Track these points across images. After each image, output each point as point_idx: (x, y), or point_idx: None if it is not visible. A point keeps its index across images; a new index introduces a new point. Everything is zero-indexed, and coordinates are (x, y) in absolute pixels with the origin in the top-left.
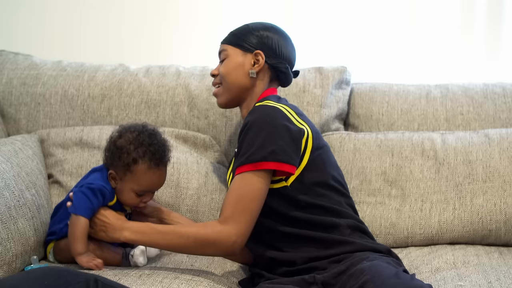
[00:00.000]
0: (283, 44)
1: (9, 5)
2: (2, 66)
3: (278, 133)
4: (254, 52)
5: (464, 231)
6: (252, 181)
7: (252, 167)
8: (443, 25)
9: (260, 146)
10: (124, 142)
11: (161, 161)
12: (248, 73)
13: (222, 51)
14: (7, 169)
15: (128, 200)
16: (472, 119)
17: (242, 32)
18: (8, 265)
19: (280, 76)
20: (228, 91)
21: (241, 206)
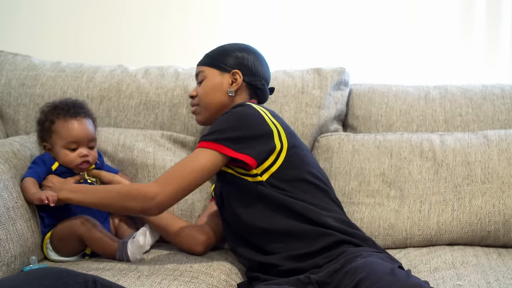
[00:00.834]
0: (258, 63)
1: (8, 6)
2: (0, 67)
3: (243, 124)
4: (232, 71)
5: (463, 232)
6: (198, 156)
7: (204, 144)
8: (442, 26)
9: (220, 130)
10: (42, 115)
11: (76, 113)
12: (227, 92)
13: (199, 73)
14: (5, 170)
15: (65, 159)
16: (471, 120)
17: (219, 54)
18: (7, 266)
19: (257, 92)
20: (207, 110)
21: (176, 173)
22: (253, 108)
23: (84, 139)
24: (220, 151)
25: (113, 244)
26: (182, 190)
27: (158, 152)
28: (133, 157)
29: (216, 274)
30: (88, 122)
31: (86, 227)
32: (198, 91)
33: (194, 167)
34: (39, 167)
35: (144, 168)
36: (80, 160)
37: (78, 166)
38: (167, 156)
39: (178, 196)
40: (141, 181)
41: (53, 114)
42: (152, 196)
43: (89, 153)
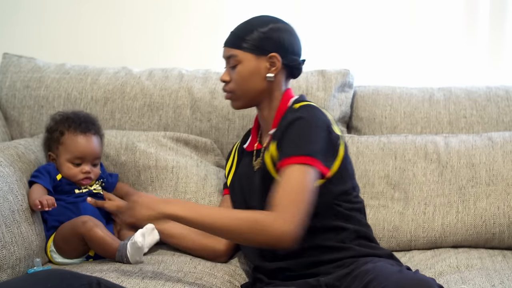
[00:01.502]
0: (293, 40)
1: (12, 8)
2: (5, 69)
3: (322, 135)
4: (269, 55)
5: (468, 235)
6: (302, 173)
7: (300, 160)
8: (446, 28)
9: (309, 142)
10: (52, 123)
11: (87, 129)
12: (265, 78)
13: (231, 57)
14: (11, 173)
15: (67, 172)
16: (475, 122)
17: (250, 35)
18: (12, 269)
19: (294, 72)
20: (245, 96)
21: (294, 196)
22: (319, 110)
23: (89, 157)
24: (313, 165)
25: (114, 244)
26: (306, 214)
27: (160, 152)
28: (135, 159)
29: (220, 275)
30: (96, 139)
31: (87, 226)
32: (233, 77)
33: (305, 186)
34: (45, 177)
35: (147, 170)
36: (82, 176)
37: (79, 181)
38: (169, 155)
39: (304, 221)
40: (143, 183)
41: (63, 125)
42: (287, 229)
43: (91, 170)
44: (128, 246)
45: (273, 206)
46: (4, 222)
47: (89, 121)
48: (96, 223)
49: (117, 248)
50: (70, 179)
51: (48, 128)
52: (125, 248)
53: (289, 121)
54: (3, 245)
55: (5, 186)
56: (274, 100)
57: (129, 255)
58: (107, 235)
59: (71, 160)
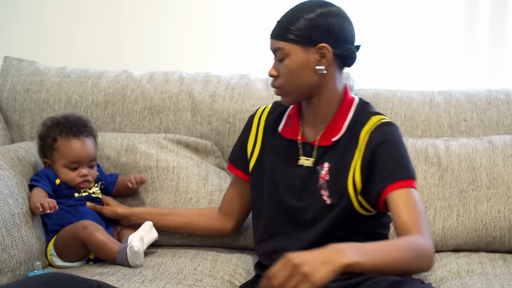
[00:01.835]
0: (346, 26)
1: (13, 11)
2: (6, 73)
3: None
4: (318, 46)
5: (468, 238)
6: (416, 195)
7: (410, 183)
8: (447, 31)
9: (408, 166)
10: (44, 130)
11: (79, 132)
12: (315, 70)
13: (277, 50)
14: (11, 176)
15: (65, 177)
16: (476, 126)
17: (296, 24)
18: (12, 272)
19: (347, 61)
20: (296, 92)
21: (425, 219)
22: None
23: (85, 160)
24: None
25: (115, 248)
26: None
27: (160, 153)
28: (135, 160)
29: (219, 275)
30: (89, 141)
31: (88, 230)
32: (281, 71)
33: (423, 208)
34: (44, 181)
35: (148, 171)
36: (80, 180)
37: (78, 185)
38: (169, 157)
39: None
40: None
41: (55, 131)
42: (432, 252)
43: (88, 173)
44: (127, 250)
45: (411, 227)
46: (4, 225)
47: (81, 123)
48: (97, 227)
49: (117, 252)
50: (69, 184)
51: (40, 135)
52: (125, 251)
53: (379, 142)
54: (3, 249)
55: (5, 189)
56: (329, 96)
57: (129, 259)
58: (107, 239)
59: (67, 165)
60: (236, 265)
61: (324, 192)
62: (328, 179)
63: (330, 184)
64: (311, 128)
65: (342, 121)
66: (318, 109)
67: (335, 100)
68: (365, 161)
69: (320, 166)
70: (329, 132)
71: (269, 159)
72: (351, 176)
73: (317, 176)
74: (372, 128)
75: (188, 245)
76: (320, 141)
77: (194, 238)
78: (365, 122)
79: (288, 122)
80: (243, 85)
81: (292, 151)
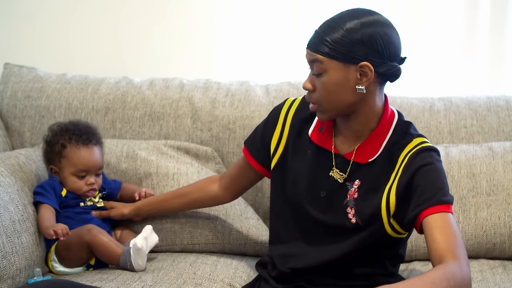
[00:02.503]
0: (390, 41)
1: (13, 18)
2: (6, 79)
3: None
4: (359, 64)
5: (468, 245)
6: (452, 220)
7: (448, 208)
8: (446, 38)
9: (446, 192)
10: (52, 136)
11: (88, 140)
12: (355, 90)
13: (315, 62)
14: (12, 183)
15: (72, 185)
16: (476, 132)
17: (338, 39)
18: (12, 279)
19: (390, 78)
20: (331, 110)
21: (461, 242)
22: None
23: (93, 169)
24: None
25: (118, 250)
26: None
27: (161, 160)
28: (136, 167)
29: (219, 279)
30: (98, 150)
31: (92, 233)
32: (317, 87)
33: (459, 233)
34: (51, 195)
35: (148, 177)
36: (88, 188)
37: (84, 193)
38: (170, 163)
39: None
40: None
41: (64, 138)
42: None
43: (95, 181)
44: (131, 249)
45: (446, 253)
46: (4, 232)
47: (90, 131)
48: (101, 231)
49: (120, 254)
50: (75, 192)
51: (47, 140)
52: (129, 252)
53: (419, 166)
54: (4, 255)
55: (6, 196)
56: (368, 113)
57: (132, 260)
58: (111, 241)
59: (75, 173)
60: (236, 269)
61: (350, 210)
62: (357, 198)
63: (358, 203)
64: (345, 139)
65: (380, 140)
66: (355, 125)
67: (373, 117)
68: (403, 184)
69: (351, 183)
70: (365, 149)
71: (295, 162)
72: (385, 198)
73: (345, 192)
74: (412, 152)
75: (188, 251)
76: (356, 157)
77: (194, 245)
78: (405, 144)
79: (320, 127)
80: (243, 91)
81: (323, 160)
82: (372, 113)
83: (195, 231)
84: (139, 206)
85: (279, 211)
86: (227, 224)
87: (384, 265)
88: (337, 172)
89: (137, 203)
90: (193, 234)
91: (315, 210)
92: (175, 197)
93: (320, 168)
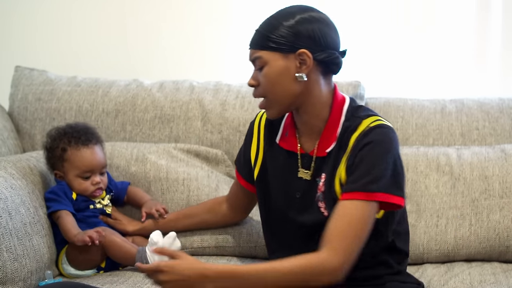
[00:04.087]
0: (327, 31)
1: (24, 21)
2: (17, 82)
3: (396, 164)
4: (297, 52)
5: (481, 248)
6: (364, 210)
7: (367, 196)
8: (458, 40)
9: (378, 177)
10: (51, 142)
11: (88, 140)
12: (296, 78)
13: (256, 59)
14: (23, 186)
15: (78, 187)
16: (488, 134)
17: (274, 31)
18: (23, 281)
19: (331, 67)
20: (278, 103)
21: (352, 234)
22: (394, 132)
23: (97, 168)
24: (382, 200)
25: (133, 250)
26: (359, 251)
27: (171, 164)
28: (145, 170)
29: None
30: (99, 148)
31: (106, 233)
32: (260, 81)
33: (364, 224)
34: (65, 200)
35: (157, 182)
36: (94, 188)
37: (92, 193)
38: (179, 168)
39: (356, 254)
40: (154, 195)
41: (63, 142)
42: (339, 269)
43: (101, 180)
44: (147, 248)
45: (326, 242)
46: (16, 234)
47: (88, 132)
48: (113, 232)
49: (135, 253)
50: (83, 194)
51: (48, 147)
52: (144, 250)
53: (362, 145)
54: (15, 258)
55: (17, 198)
56: (316, 104)
57: (148, 257)
58: (125, 241)
59: (80, 175)
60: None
61: (321, 204)
62: (324, 191)
63: (326, 195)
64: (307, 138)
65: (334, 129)
66: (307, 118)
67: (323, 108)
68: (349, 165)
69: (319, 178)
70: (324, 142)
71: (271, 170)
72: (338, 184)
73: (316, 188)
74: (361, 132)
75: (199, 254)
76: (317, 152)
77: (204, 248)
78: (356, 127)
79: (285, 132)
80: None
81: (292, 163)
82: (320, 103)
83: (205, 234)
84: (145, 226)
85: (265, 221)
86: (237, 227)
87: (387, 263)
88: (303, 171)
89: (145, 223)
90: (203, 237)
91: (294, 212)
92: (184, 218)
93: (290, 171)
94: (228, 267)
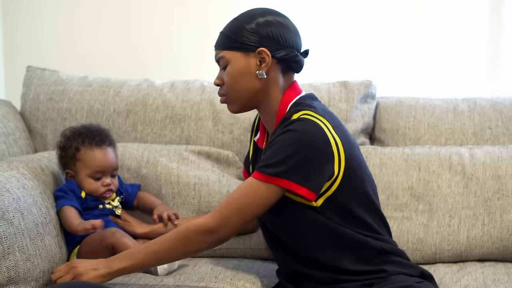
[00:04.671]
0: (285, 31)
1: (36, 21)
2: (29, 82)
3: (306, 156)
4: (256, 50)
5: (494, 248)
6: (256, 189)
7: (265, 178)
8: (470, 39)
9: (281, 161)
10: (64, 140)
11: (101, 141)
12: (256, 75)
13: (220, 59)
14: (35, 186)
15: (89, 187)
16: (501, 134)
17: (235, 32)
18: (35, 281)
19: (291, 66)
20: (239, 98)
21: (234, 205)
22: (317, 125)
23: (108, 169)
24: (279, 185)
25: None
26: (243, 222)
27: (181, 167)
28: (156, 173)
29: (241, 283)
30: (111, 150)
31: (117, 235)
32: (224, 79)
33: (256, 202)
34: (72, 197)
35: (168, 185)
36: (104, 189)
37: (102, 194)
38: (190, 171)
39: (239, 227)
40: (164, 198)
41: (77, 141)
42: (213, 230)
43: (111, 182)
44: None
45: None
46: (28, 234)
47: (102, 133)
48: (124, 234)
49: None
50: (93, 194)
51: (60, 145)
52: None
53: (281, 132)
54: (27, 258)
55: (29, 198)
56: (273, 102)
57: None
58: (135, 244)
59: (91, 175)
60: (257, 273)
61: None
62: None
63: None
64: (271, 134)
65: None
66: (266, 116)
67: (276, 104)
68: (265, 151)
69: None
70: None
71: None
72: None
73: None
74: (285, 123)
75: (209, 256)
76: (266, 145)
77: (215, 250)
78: (288, 119)
79: (261, 131)
80: None
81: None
82: (275, 100)
83: None
84: (155, 229)
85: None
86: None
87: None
88: None
89: (155, 226)
90: None
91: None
92: None
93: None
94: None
